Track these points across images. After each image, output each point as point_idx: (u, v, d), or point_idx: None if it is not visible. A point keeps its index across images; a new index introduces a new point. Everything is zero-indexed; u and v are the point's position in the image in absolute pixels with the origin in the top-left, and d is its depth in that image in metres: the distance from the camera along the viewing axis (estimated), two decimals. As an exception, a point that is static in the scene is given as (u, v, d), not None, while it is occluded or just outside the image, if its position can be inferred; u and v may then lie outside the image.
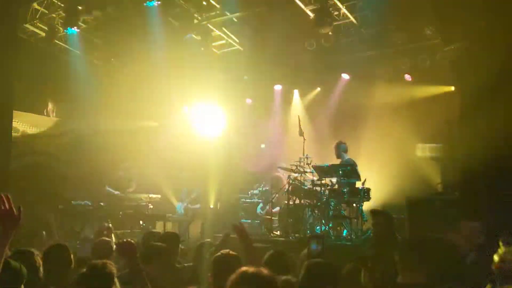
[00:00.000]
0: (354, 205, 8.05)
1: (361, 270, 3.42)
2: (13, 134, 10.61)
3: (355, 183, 8.36)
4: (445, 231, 4.97)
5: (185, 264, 4.95)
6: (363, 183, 7.96)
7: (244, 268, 2.34)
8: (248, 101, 13.29)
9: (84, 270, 3.32)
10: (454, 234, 4.52)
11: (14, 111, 10.47)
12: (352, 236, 7.38)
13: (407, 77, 10.65)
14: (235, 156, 12.98)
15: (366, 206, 8.02)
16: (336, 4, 9.63)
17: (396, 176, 10.06)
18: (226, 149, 13.11)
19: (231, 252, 3.66)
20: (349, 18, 10.05)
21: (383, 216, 5.35)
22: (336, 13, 9.95)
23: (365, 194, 7.89)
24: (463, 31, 6.09)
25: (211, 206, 12.06)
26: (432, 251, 3.13)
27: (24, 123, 12.19)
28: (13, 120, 10.45)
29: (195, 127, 13.57)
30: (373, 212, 5.42)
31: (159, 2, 9.76)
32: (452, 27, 6.15)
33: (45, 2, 10.78)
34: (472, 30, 5.78)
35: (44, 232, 7.57)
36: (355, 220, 7.84)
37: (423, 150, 8.10)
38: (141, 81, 13.45)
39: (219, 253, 3.67)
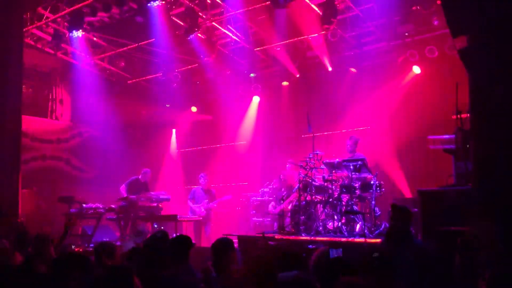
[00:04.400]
0: (367, 200, 7.97)
1: None
2: (22, 139, 10.63)
3: (366, 178, 8.28)
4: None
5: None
6: (375, 177, 7.87)
7: None
8: (256, 98, 13.25)
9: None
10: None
11: (22, 115, 10.50)
12: (365, 231, 7.29)
13: (416, 68, 10.54)
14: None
15: (379, 200, 7.95)
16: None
17: (410, 168, 9.97)
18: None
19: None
20: (354, 11, 9.96)
21: (402, 211, 5.28)
22: (341, 6, 9.86)
23: (377, 188, 7.80)
24: (472, 20, 5.94)
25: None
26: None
27: (33, 128, 12.24)
28: (22, 125, 10.48)
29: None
30: (393, 207, 5.36)
31: (162, 2, 9.74)
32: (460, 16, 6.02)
33: (50, 6, 10.80)
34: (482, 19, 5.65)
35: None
36: (368, 215, 7.76)
37: (434, 142, 7.97)
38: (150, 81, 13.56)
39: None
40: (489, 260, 2.96)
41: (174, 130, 14.88)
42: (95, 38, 11.89)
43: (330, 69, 11.46)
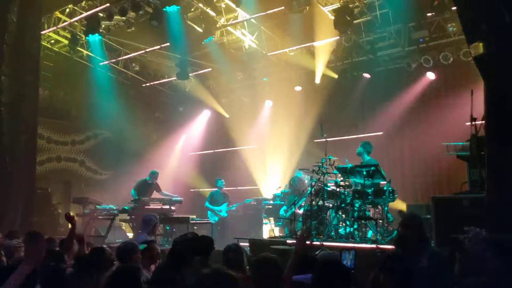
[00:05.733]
0: (379, 206, 7.92)
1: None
2: (39, 140, 10.79)
3: (379, 184, 8.24)
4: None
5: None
6: (388, 183, 7.83)
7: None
8: (269, 102, 13.29)
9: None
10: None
11: (39, 117, 10.65)
12: (378, 237, 7.27)
13: (430, 74, 10.49)
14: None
15: (391, 206, 7.91)
16: (356, 2, 9.57)
17: (423, 175, 9.91)
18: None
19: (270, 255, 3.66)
20: (368, 17, 9.97)
21: (409, 218, 5.25)
22: (355, 12, 9.86)
23: (390, 194, 7.76)
24: (488, 27, 5.92)
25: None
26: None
27: (49, 130, 12.42)
28: (39, 127, 10.63)
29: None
30: (401, 213, 5.34)
31: (178, 7, 9.84)
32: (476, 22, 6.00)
33: (67, 10, 10.97)
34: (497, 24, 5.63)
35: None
36: (381, 221, 7.71)
37: (448, 149, 7.93)
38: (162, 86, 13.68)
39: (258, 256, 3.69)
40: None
41: (184, 135, 14.94)
42: (111, 42, 12.03)
43: (336, 77, 11.48)
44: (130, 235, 10.21)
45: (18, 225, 8.81)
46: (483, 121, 6.19)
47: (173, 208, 10.54)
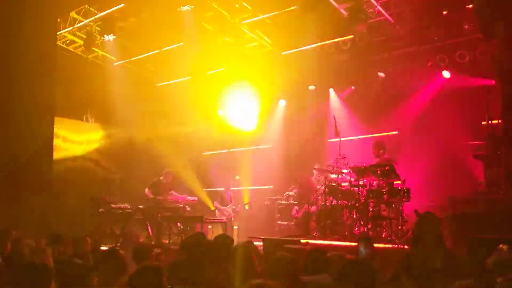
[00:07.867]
0: (394, 205, 7.87)
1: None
2: (55, 139, 10.90)
3: (394, 183, 8.19)
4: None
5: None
6: (402, 183, 7.78)
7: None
8: (282, 102, 13.27)
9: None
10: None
11: (55, 117, 10.77)
12: (392, 237, 7.23)
13: (446, 73, 10.39)
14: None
15: (407, 206, 7.85)
16: (370, 1, 9.50)
17: (438, 175, 9.81)
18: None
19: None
20: (383, 15, 9.89)
21: (425, 218, 5.21)
22: (370, 10, 9.79)
23: (405, 194, 7.71)
24: (505, 25, 5.86)
25: (246, 208, 12.09)
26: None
27: (65, 129, 12.55)
28: (54, 126, 10.74)
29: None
30: (417, 213, 5.29)
31: (192, 6, 9.87)
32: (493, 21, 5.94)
33: (82, 10, 11.07)
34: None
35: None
36: (395, 221, 7.66)
37: (464, 148, 7.86)
38: (176, 86, 13.75)
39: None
40: None
41: (199, 135, 14.95)
42: (125, 42, 12.11)
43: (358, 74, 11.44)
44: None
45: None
46: (500, 120, 6.13)
47: (187, 207, 10.61)
